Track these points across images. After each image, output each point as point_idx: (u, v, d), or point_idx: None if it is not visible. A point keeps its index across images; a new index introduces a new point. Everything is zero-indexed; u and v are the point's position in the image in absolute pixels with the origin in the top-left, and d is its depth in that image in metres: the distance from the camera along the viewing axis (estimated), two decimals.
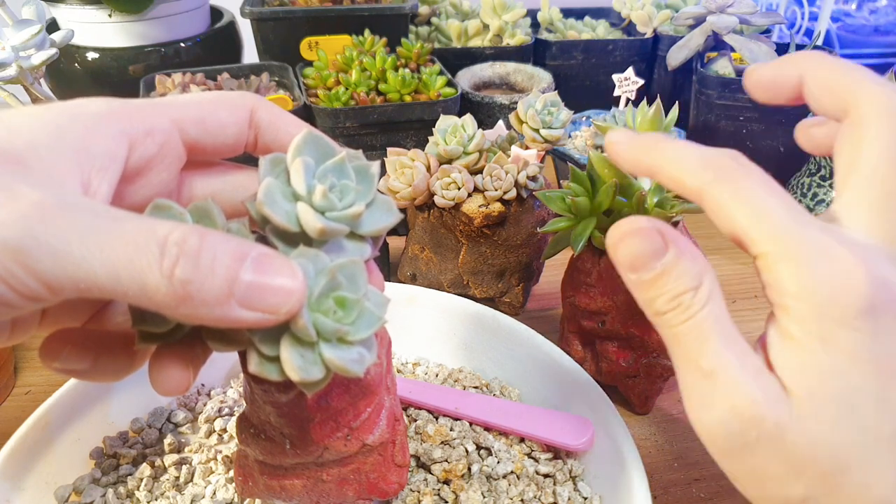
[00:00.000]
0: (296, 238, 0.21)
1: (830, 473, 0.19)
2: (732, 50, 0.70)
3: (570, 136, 0.70)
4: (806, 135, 0.26)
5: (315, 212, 0.21)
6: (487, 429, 0.40)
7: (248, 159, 0.25)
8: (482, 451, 0.39)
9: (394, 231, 0.60)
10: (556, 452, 0.39)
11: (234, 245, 0.18)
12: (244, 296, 0.18)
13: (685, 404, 0.21)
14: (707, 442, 0.21)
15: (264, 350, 0.20)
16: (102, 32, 0.71)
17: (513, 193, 0.46)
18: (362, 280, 0.21)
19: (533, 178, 0.47)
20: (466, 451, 0.38)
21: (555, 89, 0.69)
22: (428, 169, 0.48)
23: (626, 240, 0.21)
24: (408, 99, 0.65)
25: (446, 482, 0.37)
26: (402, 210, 0.53)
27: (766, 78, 0.24)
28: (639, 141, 0.23)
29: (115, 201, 0.21)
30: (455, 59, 0.76)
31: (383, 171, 0.49)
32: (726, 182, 0.20)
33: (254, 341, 0.20)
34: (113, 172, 0.20)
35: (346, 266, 0.21)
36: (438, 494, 0.36)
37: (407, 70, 0.65)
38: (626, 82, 0.62)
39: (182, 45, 0.74)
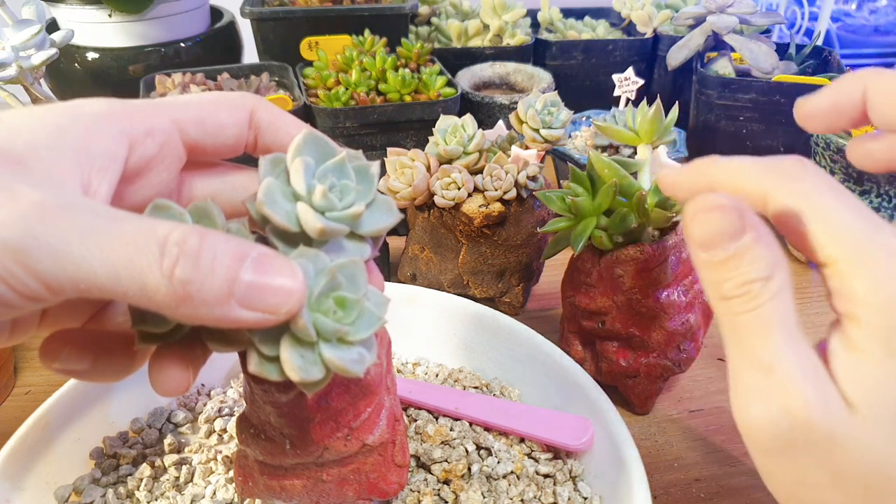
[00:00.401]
0: (296, 238, 0.21)
1: (878, 490, 0.18)
2: (732, 50, 0.70)
3: (570, 136, 0.70)
4: (861, 150, 0.25)
5: (315, 212, 0.21)
6: (487, 429, 0.40)
7: (247, 160, 0.25)
8: (482, 451, 0.39)
9: (394, 231, 0.60)
10: (556, 452, 0.39)
11: (234, 245, 0.18)
12: (244, 296, 0.18)
13: (732, 394, 0.20)
14: (748, 436, 0.20)
15: (264, 350, 0.20)
16: (102, 32, 0.71)
17: (513, 193, 0.46)
18: (362, 280, 0.21)
19: (533, 178, 0.47)
20: (466, 451, 0.38)
21: (555, 89, 0.69)
22: (428, 169, 0.48)
23: (703, 215, 0.19)
24: (408, 99, 0.65)
25: (446, 482, 0.37)
26: (402, 210, 0.53)
27: (824, 106, 0.23)
28: (691, 165, 0.22)
29: (115, 201, 0.21)
30: (455, 59, 0.76)
31: (383, 171, 0.49)
32: (791, 186, 0.19)
33: (254, 341, 0.20)
34: (113, 172, 0.20)
35: (346, 266, 0.21)
36: (438, 494, 0.36)
37: (407, 70, 0.65)
38: (626, 82, 0.62)
39: (182, 45, 0.74)
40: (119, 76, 0.71)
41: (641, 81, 0.62)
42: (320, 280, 0.20)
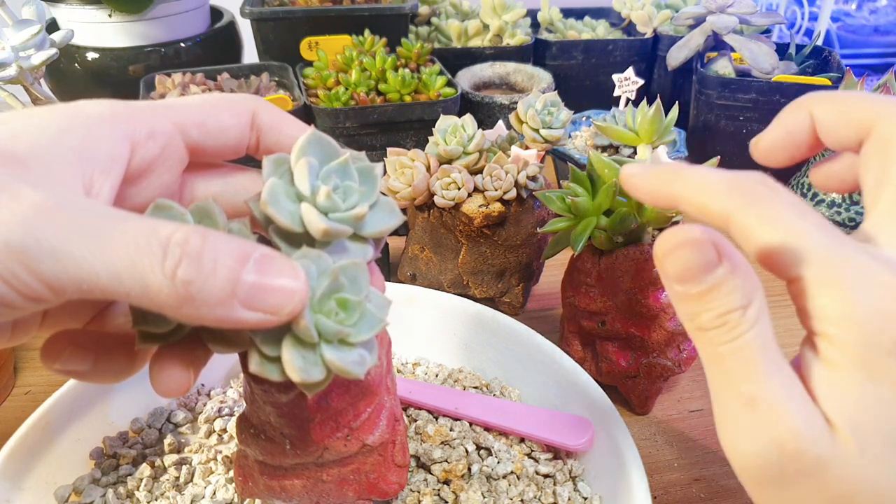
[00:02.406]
0: (299, 239, 0.21)
1: None
2: (732, 50, 0.70)
3: (570, 136, 0.70)
4: (823, 174, 0.25)
5: (319, 212, 0.21)
6: (487, 429, 0.40)
7: (249, 161, 0.25)
8: (482, 452, 0.39)
9: (394, 231, 0.60)
10: (556, 452, 0.39)
11: (237, 245, 0.18)
12: (246, 296, 0.18)
13: (718, 428, 0.20)
14: (740, 470, 0.20)
15: (265, 350, 0.20)
16: (102, 32, 0.71)
17: (513, 193, 0.46)
18: (364, 281, 0.21)
19: (533, 178, 0.47)
20: (466, 451, 0.38)
21: (555, 89, 0.69)
22: (428, 169, 0.48)
23: (677, 251, 0.19)
24: (408, 99, 0.65)
25: (446, 482, 0.37)
26: (402, 210, 0.53)
27: (778, 139, 0.23)
28: (657, 171, 0.22)
29: (117, 203, 0.21)
30: (455, 59, 0.76)
31: (383, 172, 0.49)
32: (755, 205, 0.19)
33: (255, 342, 0.20)
34: (115, 174, 0.20)
35: (348, 267, 0.21)
36: (438, 494, 0.36)
37: (407, 70, 0.65)
38: (626, 82, 0.62)
39: (182, 45, 0.74)
40: (119, 76, 0.71)
41: (641, 81, 0.62)
42: (323, 281, 0.20)
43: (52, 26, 0.74)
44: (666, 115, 0.42)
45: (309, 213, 0.20)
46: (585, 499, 0.36)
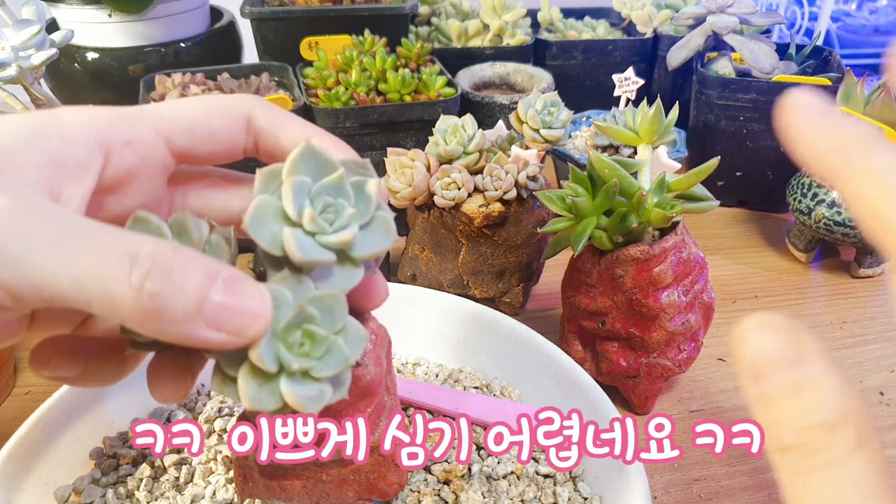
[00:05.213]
0: (282, 261, 0.21)
1: None
2: (732, 50, 0.70)
3: (570, 136, 0.70)
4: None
5: (300, 239, 0.20)
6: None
7: (250, 161, 0.25)
8: (482, 452, 0.39)
9: None
10: None
11: (207, 264, 0.18)
12: (212, 316, 0.17)
13: None
14: None
15: (228, 371, 0.20)
16: (102, 32, 0.71)
17: (513, 193, 0.46)
18: (340, 314, 0.21)
19: (533, 178, 0.47)
20: None
21: (555, 89, 0.69)
22: (428, 169, 0.48)
23: (755, 333, 0.15)
24: (408, 99, 0.65)
25: (446, 482, 0.37)
26: (402, 210, 0.53)
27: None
28: (835, 132, 0.15)
29: (95, 211, 0.21)
30: (455, 59, 0.76)
31: (384, 171, 0.49)
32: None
33: (219, 360, 0.20)
34: (86, 182, 0.20)
35: (323, 298, 0.20)
36: (438, 494, 0.36)
37: (407, 70, 0.65)
38: (626, 82, 0.62)
39: (182, 45, 0.74)
40: (119, 76, 0.71)
41: (641, 81, 0.62)
42: (292, 311, 0.20)
43: (52, 26, 0.74)
44: (666, 115, 0.42)
45: (288, 241, 0.20)
46: (585, 499, 0.36)
